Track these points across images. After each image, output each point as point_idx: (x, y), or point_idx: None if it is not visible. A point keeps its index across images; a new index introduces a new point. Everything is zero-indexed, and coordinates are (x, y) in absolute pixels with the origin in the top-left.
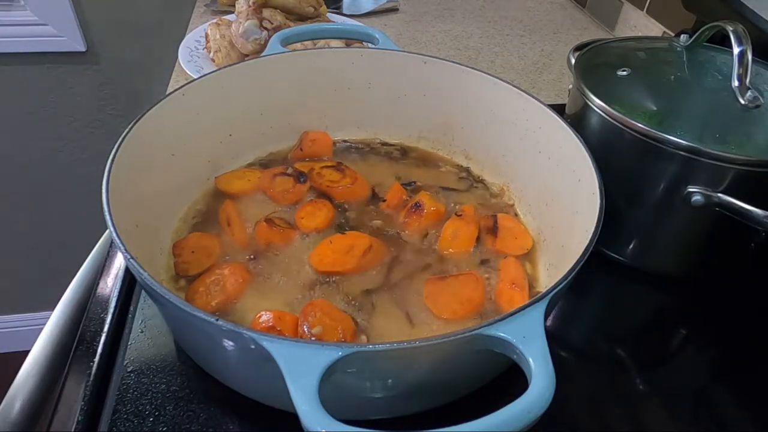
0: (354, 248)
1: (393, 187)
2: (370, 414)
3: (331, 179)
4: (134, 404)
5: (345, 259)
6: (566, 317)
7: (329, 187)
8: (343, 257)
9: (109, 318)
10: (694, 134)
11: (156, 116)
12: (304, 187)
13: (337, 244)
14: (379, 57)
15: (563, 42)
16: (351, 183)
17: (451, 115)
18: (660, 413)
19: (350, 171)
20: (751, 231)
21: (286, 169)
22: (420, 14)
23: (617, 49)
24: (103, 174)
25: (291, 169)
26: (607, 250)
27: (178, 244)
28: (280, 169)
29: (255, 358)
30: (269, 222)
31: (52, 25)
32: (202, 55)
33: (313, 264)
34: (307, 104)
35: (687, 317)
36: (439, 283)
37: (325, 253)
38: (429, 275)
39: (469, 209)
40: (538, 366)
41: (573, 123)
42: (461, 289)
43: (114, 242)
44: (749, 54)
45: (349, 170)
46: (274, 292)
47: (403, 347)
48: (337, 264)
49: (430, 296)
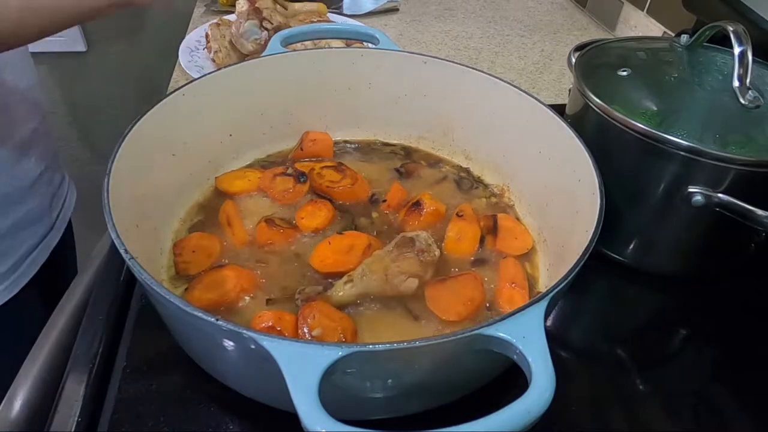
0: (354, 248)
1: (393, 187)
2: (370, 414)
3: (331, 180)
4: (134, 404)
5: (346, 258)
6: (566, 317)
7: (329, 187)
8: (344, 257)
9: (109, 318)
10: (694, 134)
11: (156, 116)
12: (305, 187)
13: (337, 245)
14: (380, 57)
15: (563, 42)
16: (351, 184)
17: (451, 116)
18: (660, 413)
19: (351, 171)
20: (751, 231)
21: (287, 169)
22: (420, 14)
23: (617, 50)
24: (104, 174)
25: (291, 169)
26: (607, 250)
27: (179, 244)
28: (281, 169)
29: (255, 358)
30: (269, 222)
31: None
32: (203, 55)
33: (315, 265)
34: (307, 104)
35: (687, 317)
36: (440, 285)
37: (325, 254)
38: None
39: (468, 208)
40: (538, 366)
41: (573, 123)
42: (462, 290)
43: (114, 242)
44: (749, 54)
45: (349, 171)
46: (274, 292)
47: (402, 347)
48: (339, 264)
49: (432, 299)
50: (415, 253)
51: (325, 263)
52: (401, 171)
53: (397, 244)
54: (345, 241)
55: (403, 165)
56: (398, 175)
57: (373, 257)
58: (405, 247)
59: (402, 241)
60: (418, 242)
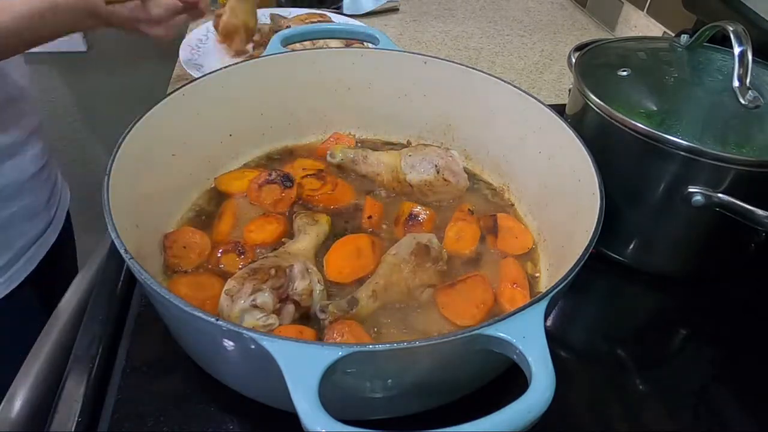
0: (361, 250)
1: (366, 203)
2: (370, 414)
3: (311, 188)
4: (134, 404)
5: (361, 263)
6: (566, 317)
7: (310, 196)
8: (358, 261)
9: (109, 318)
10: (694, 134)
11: (156, 116)
12: (293, 192)
13: (342, 252)
14: (380, 57)
15: (563, 42)
16: (331, 190)
17: (451, 115)
18: (660, 413)
19: (331, 178)
20: (751, 231)
21: (270, 174)
22: (420, 14)
23: (617, 50)
24: (104, 174)
25: (275, 173)
26: (607, 250)
27: (170, 236)
28: (264, 175)
29: (255, 358)
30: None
31: None
32: (203, 55)
33: (334, 278)
34: (308, 104)
35: (687, 317)
36: (450, 291)
37: (338, 264)
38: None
39: (467, 207)
40: (538, 366)
41: (573, 123)
42: (472, 293)
43: (114, 242)
44: (749, 54)
45: (329, 177)
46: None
47: (402, 347)
48: (357, 270)
49: (446, 307)
50: (432, 263)
51: (344, 273)
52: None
53: (413, 252)
54: (348, 247)
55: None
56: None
57: (388, 265)
58: (421, 257)
59: (418, 249)
60: (433, 250)
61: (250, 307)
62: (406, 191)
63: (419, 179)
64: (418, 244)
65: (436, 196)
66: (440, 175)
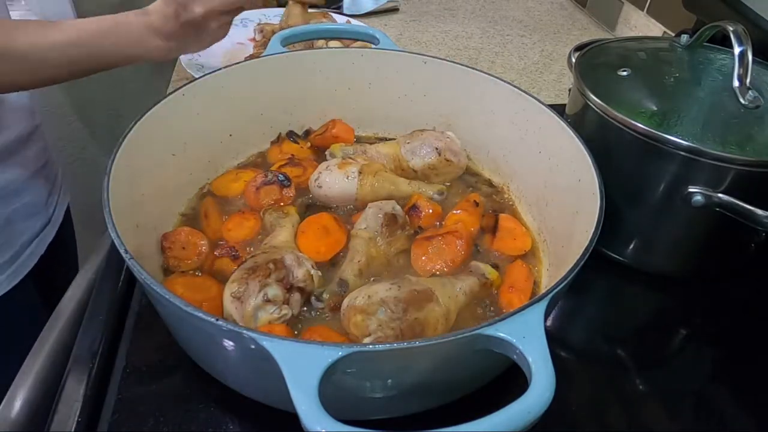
0: (327, 228)
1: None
2: (370, 414)
3: (295, 176)
4: (134, 404)
5: (332, 239)
6: (566, 317)
7: (299, 184)
8: (330, 239)
9: (109, 318)
10: (694, 134)
11: (156, 116)
12: (291, 191)
13: (310, 234)
14: (380, 57)
15: (563, 42)
16: (302, 173)
17: (451, 115)
18: (660, 413)
19: (308, 161)
20: (751, 231)
21: (266, 175)
22: (420, 14)
23: (617, 50)
24: (104, 174)
25: (271, 174)
26: (607, 250)
27: (168, 237)
28: (260, 177)
29: (255, 358)
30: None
31: None
32: (203, 55)
33: (315, 258)
34: (307, 104)
35: (687, 317)
36: (425, 243)
37: (312, 246)
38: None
39: (474, 197)
40: (538, 366)
41: (573, 123)
42: (445, 250)
43: (114, 242)
44: (749, 54)
45: (306, 161)
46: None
47: (402, 347)
48: (332, 247)
49: (416, 258)
50: (400, 229)
51: (322, 252)
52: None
53: (383, 224)
54: (314, 227)
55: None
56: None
57: (363, 240)
58: (391, 226)
59: (387, 219)
60: (399, 217)
61: (262, 303)
62: (410, 177)
63: (422, 163)
64: (385, 214)
65: (439, 178)
66: (442, 156)
